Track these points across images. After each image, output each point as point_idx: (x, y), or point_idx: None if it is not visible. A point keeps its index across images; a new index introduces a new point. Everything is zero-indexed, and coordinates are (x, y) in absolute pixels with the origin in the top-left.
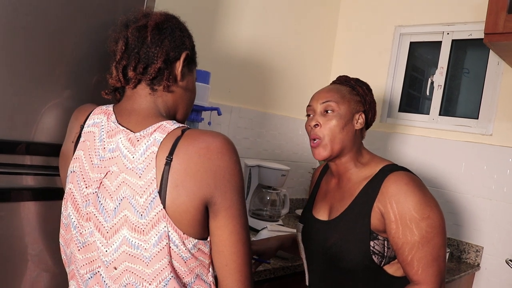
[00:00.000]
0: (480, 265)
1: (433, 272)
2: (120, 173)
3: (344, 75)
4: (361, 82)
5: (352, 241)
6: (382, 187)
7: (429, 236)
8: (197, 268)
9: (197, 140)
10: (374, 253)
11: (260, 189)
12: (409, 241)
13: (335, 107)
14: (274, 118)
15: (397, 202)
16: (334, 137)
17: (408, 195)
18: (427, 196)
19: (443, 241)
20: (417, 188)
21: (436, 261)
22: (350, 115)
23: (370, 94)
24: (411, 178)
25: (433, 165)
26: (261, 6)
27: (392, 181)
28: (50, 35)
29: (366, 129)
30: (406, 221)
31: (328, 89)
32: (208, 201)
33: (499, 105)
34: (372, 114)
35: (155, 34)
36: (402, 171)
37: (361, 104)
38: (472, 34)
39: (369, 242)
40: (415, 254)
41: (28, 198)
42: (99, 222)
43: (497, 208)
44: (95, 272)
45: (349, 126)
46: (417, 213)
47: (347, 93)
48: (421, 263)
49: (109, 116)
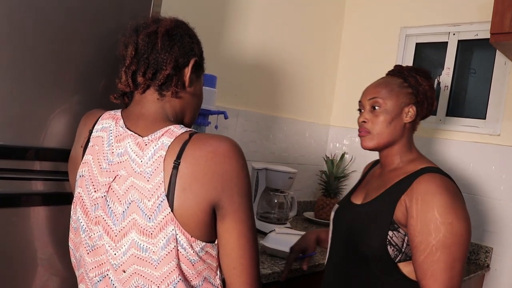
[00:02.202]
0: (490, 266)
1: (443, 281)
2: (129, 177)
3: (399, 65)
4: (416, 71)
5: (373, 226)
6: (414, 183)
7: (447, 242)
8: (205, 271)
9: (204, 144)
10: (391, 244)
11: (268, 192)
12: (425, 241)
13: (382, 103)
14: (281, 121)
15: (423, 200)
16: (381, 132)
17: (435, 196)
18: (456, 203)
19: (462, 254)
20: (447, 192)
21: (449, 272)
22: (398, 109)
23: (425, 83)
24: (444, 181)
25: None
26: (267, 9)
27: (425, 179)
28: (58, 41)
29: (421, 119)
30: (426, 220)
31: (376, 83)
32: (215, 204)
33: (506, 105)
34: (428, 104)
35: (165, 41)
36: (439, 174)
37: (412, 96)
38: (478, 34)
39: (388, 231)
40: (427, 257)
41: (38, 203)
42: (107, 225)
43: (506, 208)
44: (104, 275)
45: (397, 120)
46: (440, 215)
47: (396, 86)
48: (431, 267)
49: (117, 121)
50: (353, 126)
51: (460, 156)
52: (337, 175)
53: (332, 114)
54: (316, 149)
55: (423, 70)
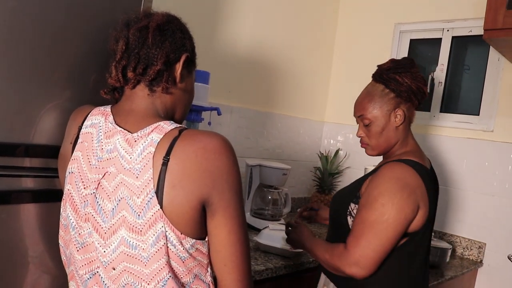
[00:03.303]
0: (483, 262)
1: (361, 242)
2: (118, 173)
3: (379, 68)
4: (395, 69)
5: (346, 199)
6: (381, 167)
7: (372, 217)
8: (195, 268)
9: (194, 140)
10: (351, 215)
11: (262, 188)
12: (361, 211)
13: (369, 118)
14: (275, 118)
15: (375, 181)
16: (377, 143)
17: (384, 180)
18: (398, 193)
19: (384, 234)
20: (396, 180)
21: (366, 238)
22: (386, 118)
23: (407, 79)
24: (401, 171)
25: (434, 162)
26: (261, 5)
27: (388, 166)
28: (48, 37)
29: (417, 108)
30: (369, 197)
31: (361, 98)
32: (205, 201)
33: (500, 101)
34: (416, 95)
35: (156, 36)
36: (405, 164)
37: (396, 98)
38: (472, 31)
39: (350, 203)
40: (357, 222)
41: (28, 200)
42: (97, 222)
43: (499, 204)
44: (94, 273)
45: (388, 127)
46: (378, 195)
47: (378, 96)
48: (355, 227)
49: (107, 117)
50: (347, 123)
51: (453, 152)
52: (331, 172)
53: (326, 110)
54: (310, 145)
55: (402, 64)
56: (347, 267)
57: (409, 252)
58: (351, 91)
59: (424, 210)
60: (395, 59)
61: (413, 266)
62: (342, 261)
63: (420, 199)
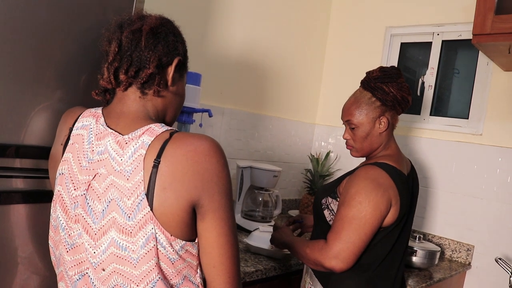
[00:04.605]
0: (471, 264)
1: (342, 237)
2: (108, 175)
3: (367, 75)
4: (382, 78)
5: (322, 192)
6: (357, 169)
7: (349, 214)
8: (185, 270)
9: (185, 143)
10: (328, 208)
11: (252, 190)
12: (339, 209)
13: (355, 123)
14: (266, 120)
15: (351, 181)
16: (361, 146)
17: (359, 180)
18: (373, 192)
19: (361, 229)
20: (370, 181)
21: (345, 232)
22: (371, 124)
23: (393, 88)
24: (375, 173)
25: (424, 165)
26: (253, 7)
27: (363, 168)
28: (38, 37)
29: (400, 114)
30: (347, 195)
31: (349, 104)
32: (195, 203)
33: (489, 105)
34: (400, 104)
35: (149, 39)
36: (379, 167)
37: (382, 106)
38: (461, 35)
39: (327, 196)
40: (336, 218)
41: (18, 201)
42: (87, 224)
43: (487, 207)
44: (83, 274)
45: (372, 133)
46: (355, 194)
47: (365, 104)
48: (335, 223)
49: (98, 118)
50: (338, 125)
51: (443, 155)
52: (322, 174)
53: (318, 112)
54: (301, 147)
55: (390, 74)
56: (327, 260)
57: (382, 246)
58: (343, 93)
59: (395, 208)
60: (384, 68)
61: (387, 260)
62: (322, 255)
63: (393, 198)
